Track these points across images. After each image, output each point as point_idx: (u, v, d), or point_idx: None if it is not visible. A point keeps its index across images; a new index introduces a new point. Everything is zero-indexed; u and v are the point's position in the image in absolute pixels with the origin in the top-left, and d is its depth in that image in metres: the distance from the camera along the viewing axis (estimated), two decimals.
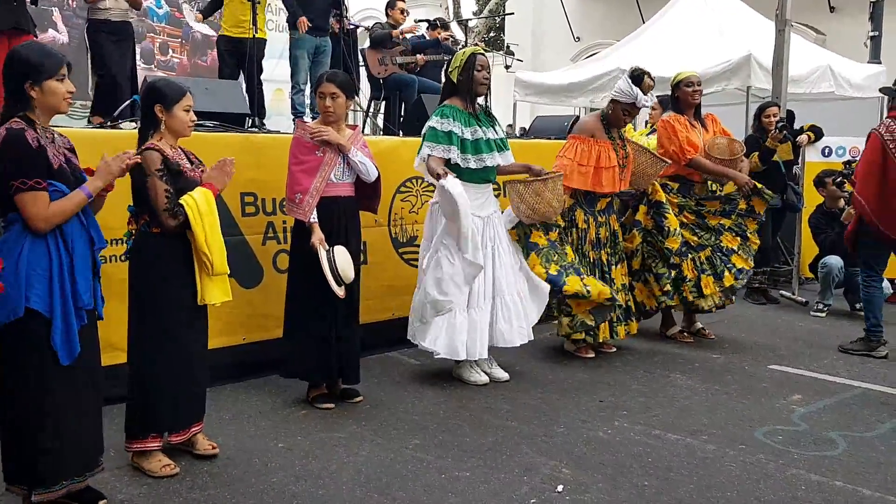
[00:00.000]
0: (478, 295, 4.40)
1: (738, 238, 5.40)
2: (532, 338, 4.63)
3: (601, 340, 5.03)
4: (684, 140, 5.25)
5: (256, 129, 5.45)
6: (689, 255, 5.32)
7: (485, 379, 4.50)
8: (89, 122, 5.79)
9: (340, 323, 4.02)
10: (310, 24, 6.90)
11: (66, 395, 2.76)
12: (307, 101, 7.41)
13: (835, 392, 4.43)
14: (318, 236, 3.88)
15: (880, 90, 5.95)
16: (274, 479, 3.20)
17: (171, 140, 3.26)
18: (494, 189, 4.72)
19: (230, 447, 3.52)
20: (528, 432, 3.75)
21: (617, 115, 4.96)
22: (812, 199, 7.12)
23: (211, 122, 4.72)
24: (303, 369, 4.06)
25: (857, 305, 6.49)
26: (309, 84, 7.24)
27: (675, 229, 5.22)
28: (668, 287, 5.24)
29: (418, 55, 7.99)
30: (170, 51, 10.82)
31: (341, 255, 3.88)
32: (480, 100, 4.49)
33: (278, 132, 5.39)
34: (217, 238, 3.19)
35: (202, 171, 3.31)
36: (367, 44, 8.05)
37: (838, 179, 6.67)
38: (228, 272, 3.27)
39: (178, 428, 3.31)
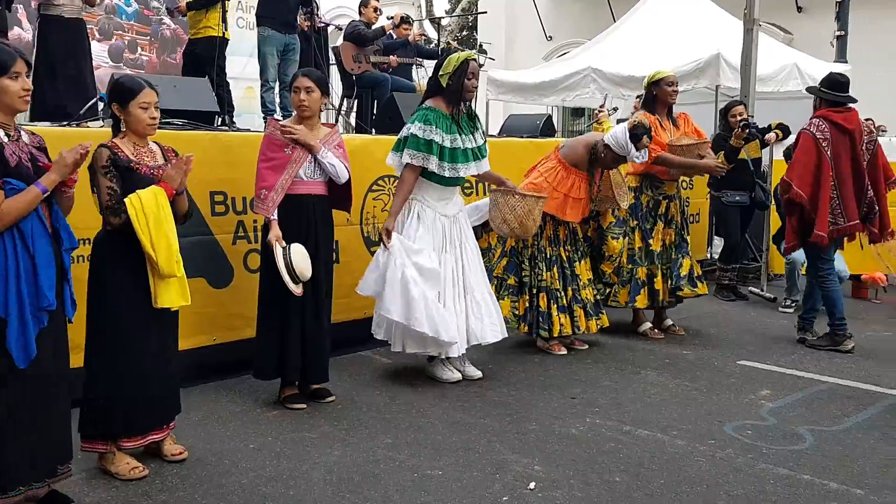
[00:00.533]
0: (446, 293, 4.38)
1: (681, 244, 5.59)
2: (506, 334, 4.63)
3: (562, 334, 5.08)
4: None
5: (227, 128, 5.41)
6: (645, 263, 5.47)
7: (457, 376, 4.50)
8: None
9: (309, 322, 3.99)
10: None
11: (23, 399, 2.69)
12: (277, 99, 7.36)
13: (803, 387, 4.50)
14: (274, 233, 3.85)
15: (806, 89, 6.06)
16: (244, 480, 3.18)
17: (135, 138, 3.20)
18: (468, 188, 4.73)
19: (200, 448, 3.48)
20: (500, 430, 3.76)
21: (607, 161, 5.03)
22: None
23: (179, 121, 4.67)
24: (274, 369, 4.03)
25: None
26: (278, 82, 7.20)
27: (612, 255, 5.39)
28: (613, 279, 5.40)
29: (391, 56, 7.97)
30: (139, 48, 10.69)
31: (298, 252, 3.84)
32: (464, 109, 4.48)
33: (248, 130, 5.35)
34: (164, 238, 3.08)
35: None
36: (339, 41, 8.02)
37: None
38: (179, 274, 3.15)
39: (130, 434, 3.23)
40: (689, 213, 7.82)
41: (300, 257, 3.84)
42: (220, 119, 5.48)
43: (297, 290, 3.83)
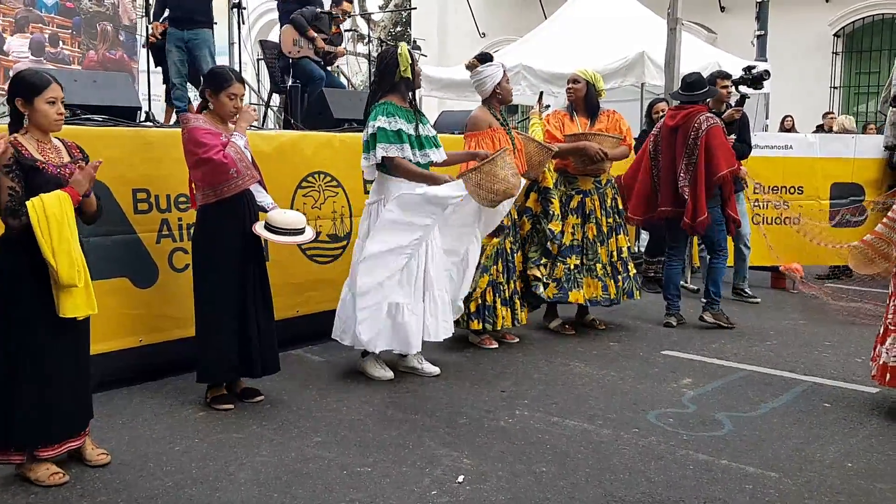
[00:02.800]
0: (413, 289, 4.38)
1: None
2: (453, 331, 4.66)
3: (500, 328, 5.13)
4: (545, 134, 5.46)
5: (150, 124, 5.28)
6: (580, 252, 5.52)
7: (389, 374, 4.51)
8: None
9: (259, 314, 3.99)
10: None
11: None
12: (192, 94, 7.30)
13: (722, 375, 4.66)
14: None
15: (670, 95, 6.38)
16: (169, 483, 3.13)
17: (39, 134, 3.10)
18: None
19: (124, 452, 3.41)
20: (430, 425, 3.79)
21: (507, 93, 5.08)
22: None
23: (100, 117, 4.54)
24: (222, 371, 3.97)
25: (746, 290, 6.85)
26: (180, 77, 7.10)
27: (556, 214, 5.38)
28: (538, 273, 5.36)
29: (339, 47, 7.94)
30: (60, 42, 10.34)
31: (278, 215, 3.88)
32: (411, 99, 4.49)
33: (171, 126, 5.25)
34: (65, 246, 2.96)
35: (79, 167, 3.14)
36: (273, 34, 7.93)
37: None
38: (80, 285, 3.02)
39: (46, 443, 3.13)
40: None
41: (282, 219, 3.86)
42: (143, 115, 5.35)
43: (311, 233, 4.01)
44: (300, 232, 3.96)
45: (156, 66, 7.70)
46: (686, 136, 5.53)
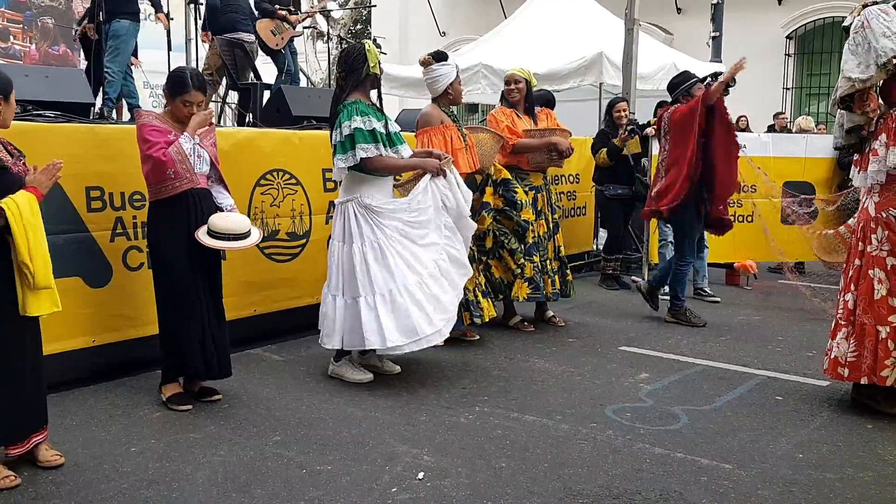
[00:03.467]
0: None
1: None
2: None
3: (488, 319, 5.15)
4: (504, 129, 5.47)
5: (103, 120, 5.19)
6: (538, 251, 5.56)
7: (369, 377, 4.44)
8: None
9: (210, 320, 3.92)
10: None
11: None
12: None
13: (679, 369, 4.74)
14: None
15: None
16: (125, 485, 3.08)
17: None
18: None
19: (78, 453, 3.35)
20: (390, 422, 3.79)
21: (458, 94, 5.05)
22: None
23: (52, 112, 4.45)
24: (187, 372, 3.94)
25: (706, 289, 6.95)
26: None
27: (526, 201, 5.40)
28: (523, 261, 5.40)
29: (295, 16, 7.95)
30: (10, 37, 10.10)
31: (218, 220, 3.80)
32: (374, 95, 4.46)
33: (125, 123, 5.16)
34: (41, 248, 2.94)
35: (24, 164, 3.08)
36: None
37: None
38: (51, 286, 3.03)
39: (14, 440, 3.11)
40: (576, 205, 8.13)
41: (221, 224, 3.79)
42: (96, 111, 5.26)
43: (255, 238, 3.94)
44: (243, 237, 3.86)
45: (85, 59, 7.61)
46: (661, 129, 5.80)
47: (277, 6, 7.73)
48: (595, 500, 3.01)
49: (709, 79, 6.57)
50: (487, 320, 5.17)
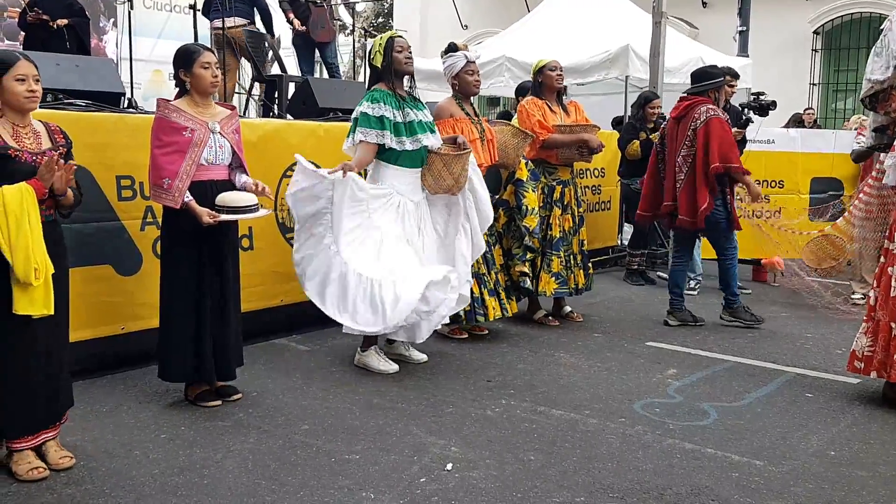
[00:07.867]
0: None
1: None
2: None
3: (493, 318, 5.12)
4: (536, 123, 5.39)
5: (133, 110, 5.22)
6: (562, 246, 5.52)
7: (395, 367, 4.43)
8: None
9: (214, 324, 3.77)
10: None
11: None
12: None
13: (707, 366, 4.69)
14: (204, 212, 3.59)
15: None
16: (155, 471, 3.10)
17: (15, 117, 2.96)
18: None
19: (108, 440, 3.37)
20: (417, 413, 3.78)
21: (466, 84, 4.98)
22: None
23: (83, 102, 4.48)
24: (181, 372, 3.80)
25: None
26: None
27: (534, 208, 5.32)
28: (525, 269, 5.34)
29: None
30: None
31: (224, 196, 3.67)
32: (408, 86, 4.44)
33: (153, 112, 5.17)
34: (24, 242, 2.83)
35: (57, 155, 2.99)
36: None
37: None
38: (36, 284, 2.88)
39: (18, 435, 3.05)
40: (601, 199, 8.08)
41: (230, 199, 3.68)
42: (125, 101, 5.29)
43: (263, 211, 3.87)
44: (250, 209, 3.71)
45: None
46: (686, 128, 5.44)
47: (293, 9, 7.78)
48: (625, 494, 2.99)
49: (750, 112, 6.50)
50: (492, 319, 5.14)
